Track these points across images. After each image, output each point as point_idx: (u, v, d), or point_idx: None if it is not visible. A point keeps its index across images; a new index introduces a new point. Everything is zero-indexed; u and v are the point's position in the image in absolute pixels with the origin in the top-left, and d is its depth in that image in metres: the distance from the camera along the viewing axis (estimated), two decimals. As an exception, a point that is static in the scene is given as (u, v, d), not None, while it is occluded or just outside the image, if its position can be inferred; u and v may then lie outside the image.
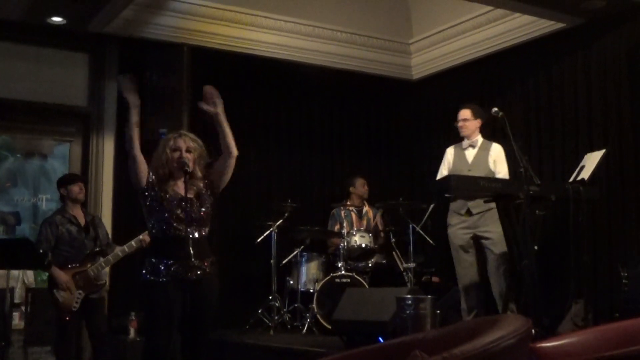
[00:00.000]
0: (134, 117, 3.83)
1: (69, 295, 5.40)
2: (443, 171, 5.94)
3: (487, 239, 5.62)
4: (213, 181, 3.94)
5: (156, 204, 3.80)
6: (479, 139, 5.88)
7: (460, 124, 5.86)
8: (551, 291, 5.94)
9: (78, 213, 5.68)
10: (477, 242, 5.69)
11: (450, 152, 5.99)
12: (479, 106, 6.04)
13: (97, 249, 5.60)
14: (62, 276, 5.40)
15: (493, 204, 5.39)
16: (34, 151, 9.07)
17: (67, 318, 5.42)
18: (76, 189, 5.66)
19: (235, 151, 3.90)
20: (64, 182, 5.74)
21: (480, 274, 5.73)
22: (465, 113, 5.87)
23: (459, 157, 5.90)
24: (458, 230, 5.73)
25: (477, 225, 5.65)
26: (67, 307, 5.41)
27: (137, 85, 3.89)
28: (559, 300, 5.76)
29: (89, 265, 5.49)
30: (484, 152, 5.81)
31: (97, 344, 5.67)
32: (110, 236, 5.95)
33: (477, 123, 5.85)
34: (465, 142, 5.90)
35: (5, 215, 8.33)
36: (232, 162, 3.92)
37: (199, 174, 3.90)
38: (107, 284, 6.16)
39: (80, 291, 5.43)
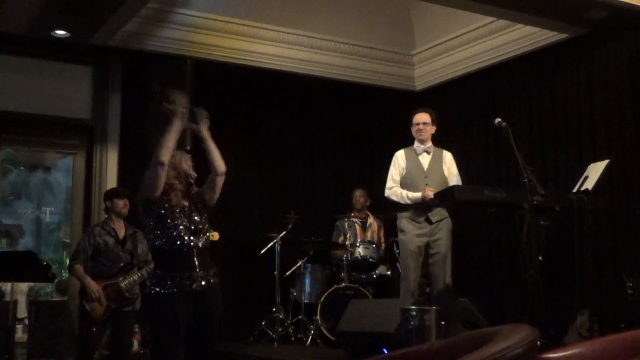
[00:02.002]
0: (177, 133, 3.87)
1: (98, 306, 5.38)
2: (394, 176, 5.82)
3: (437, 246, 5.61)
4: (204, 196, 3.98)
5: (162, 214, 3.82)
6: (431, 145, 5.86)
7: (420, 126, 5.79)
8: (556, 301, 5.93)
9: (120, 226, 5.69)
10: (427, 248, 5.67)
11: (401, 156, 5.87)
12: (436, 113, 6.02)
13: (133, 262, 5.56)
14: (93, 285, 5.38)
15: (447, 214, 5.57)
16: (37, 164, 9.09)
17: (94, 329, 5.42)
18: (121, 203, 5.68)
19: (222, 168, 3.95)
20: (110, 195, 5.77)
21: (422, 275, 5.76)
22: (425, 117, 5.82)
23: (414, 162, 5.82)
24: (415, 237, 5.66)
25: (432, 233, 5.63)
26: (96, 318, 5.39)
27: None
28: (564, 310, 5.75)
29: (121, 278, 5.47)
30: (437, 159, 5.80)
31: (116, 354, 5.62)
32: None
33: (433, 129, 5.85)
34: (420, 147, 5.83)
35: (9, 228, 8.35)
36: (221, 180, 3.97)
37: (194, 188, 3.98)
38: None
39: (111, 303, 5.42)
